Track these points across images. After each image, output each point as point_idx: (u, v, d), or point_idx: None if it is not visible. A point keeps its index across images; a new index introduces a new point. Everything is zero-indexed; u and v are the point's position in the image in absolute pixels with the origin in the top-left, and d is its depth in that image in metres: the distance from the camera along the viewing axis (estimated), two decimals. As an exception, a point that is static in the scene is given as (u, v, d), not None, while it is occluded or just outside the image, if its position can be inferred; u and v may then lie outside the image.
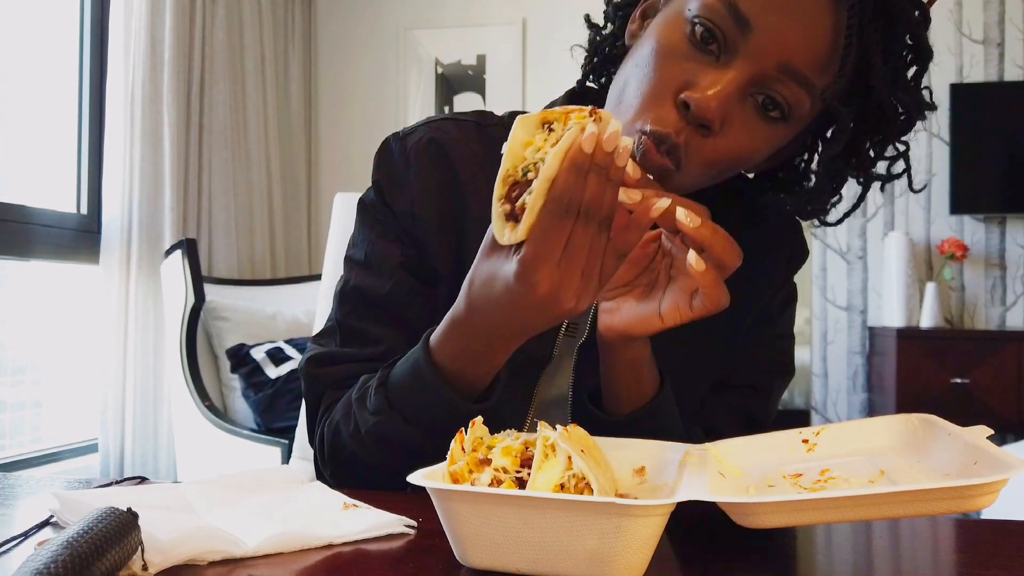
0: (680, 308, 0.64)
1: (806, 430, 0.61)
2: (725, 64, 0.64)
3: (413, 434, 0.67)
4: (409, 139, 0.79)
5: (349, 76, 3.69)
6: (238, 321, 2.54)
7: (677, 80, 0.65)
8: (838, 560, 0.56)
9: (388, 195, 0.79)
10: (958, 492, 0.44)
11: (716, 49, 0.64)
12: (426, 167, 0.78)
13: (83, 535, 0.42)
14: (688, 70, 0.65)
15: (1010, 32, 3.25)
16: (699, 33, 0.64)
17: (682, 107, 0.64)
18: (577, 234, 0.55)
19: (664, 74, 0.65)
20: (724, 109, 0.63)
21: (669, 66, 0.65)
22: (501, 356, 0.65)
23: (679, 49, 0.65)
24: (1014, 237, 3.26)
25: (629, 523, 0.44)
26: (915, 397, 2.97)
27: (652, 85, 0.66)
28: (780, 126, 0.66)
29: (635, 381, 0.71)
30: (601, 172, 0.53)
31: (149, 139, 2.63)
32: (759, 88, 0.64)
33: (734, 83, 0.63)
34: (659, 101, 0.65)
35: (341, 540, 0.54)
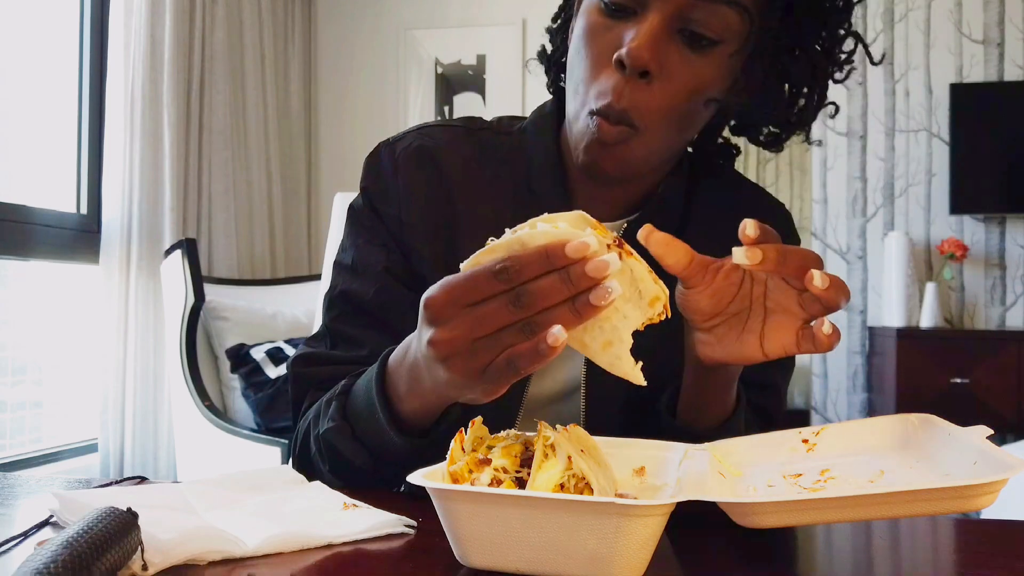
0: (786, 346, 0.61)
1: (806, 430, 0.61)
2: (642, 16, 0.67)
3: (359, 451, 0.67)
4: (398, 145, 0.81)
5: (349, 76, 3.69)
6: (238, 321, 2.54)
7: (607, 49, 0.69)
8: (838, 560, 0.56)
9: (376, 201, 0.80)
10: (958, 492, 0.44)
11: (629, 9, 0.68)
12: (415, 173, 0.79)
13: (83, 535, 0.42)
14: (613, 37, 0.69)
15: (1010, 32, 3.25)
16: (609, 3, 0.69)
17: (619, 67, 0.67)
18: (492, 314, 0.49)
19: (594, 50, 0.70)
20: (654, 51, 0.66)
21: (596, 41, 0.70)
22: (444, 402, 0.62)
23: (600, 25, 0.70)
24: (1014, 237, 3.26)
25: (629, 523, 0.44)
26: (915, 397, 2.97)
27: (589, 63, 0.70)
28: (717, 51, 0.68)
29: (725, 395, 0.70)
30: (565, 280, 0.47)
31: (149, 139, 2.63)
32: (681, 23, 0.67)
33: (655, 25, 0.66)
34: (597, 73, 0.69)
35: (341, 540, 0.54)
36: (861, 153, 3.39)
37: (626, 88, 0.67)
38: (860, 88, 3.38)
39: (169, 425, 2.60)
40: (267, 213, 3.23)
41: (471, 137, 0.82)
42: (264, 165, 3.22)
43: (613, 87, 0.67)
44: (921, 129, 3.33)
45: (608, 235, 0.49)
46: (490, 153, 0.81)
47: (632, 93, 0.67)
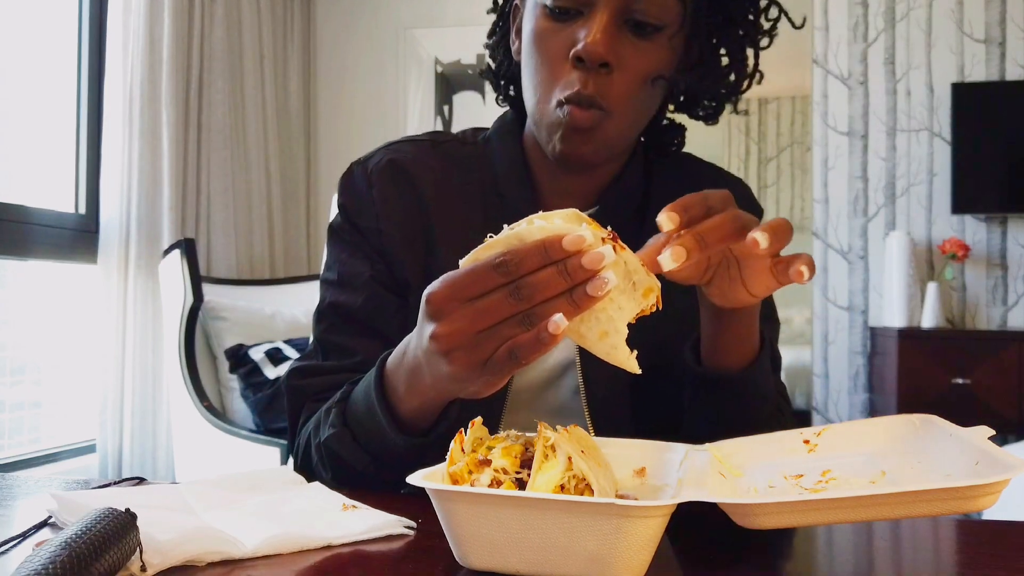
0: (768, 284, 0.61)
1: (807, 430, 0.61)
2: (590, 15, 0.73)
3: (361, 456, 0.69)
4: (370, 162, 0.86)
5: (348, 75, 3.69)
6: (237, 321, 2.54)
7: (561, 50, 0.74)
8: (839, 561, 0.56)
9: (354, 216, 0.85)
10: (959, 493, 0.43)
11: (575, 10, 0.73)
12: (388, 186, 0.84)
13: (82, 536, 0.42)
14: (565, 37, 0.74)
15: (1011, 31, 3.25)
16: (555, 8, 0.74)
17: (577, 63, 0.72)
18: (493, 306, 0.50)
19: (549, 52, 0.74)
20: (610, 44, 0.71)
21: (549, 45, 0.75)
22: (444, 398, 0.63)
23: (548, 29, 0.75)
24: (1015, 237, 3.26)
25: (629, 524, 0.44)
26: (916, 397, 2.96)
27: (546, 65, 0.75)
28: (661, 35, 0.74)
29: (746, 336, 0.71)
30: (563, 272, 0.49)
31: (147, 139, 2.63)
32: (627, 15, 0.73)
33: (605, 20, 0.72)
34: (557, 74, 0.74)
35: (340, 541, 0.54)
36: (862, 153, 3.39)
37: (589, 79, 0.72)
38: (861, 87, 3.38)
39: (168, 425, 2.60)
40: (266, 213, 3.23)
41: (437, 150, 0.87)
42: (263, 165, 3.22)
43: (577, 79, 0.72)
44: (922, 128, 3.33)
45: (602, 230, 0.51)
46: (457, 163, 0.86)
47: (596, 82, 0.72)
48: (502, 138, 0.86)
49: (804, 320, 4.10)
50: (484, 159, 0.86)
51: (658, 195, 0.85)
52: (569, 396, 0.83)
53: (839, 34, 3.40)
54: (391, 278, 0.83)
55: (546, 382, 0.83)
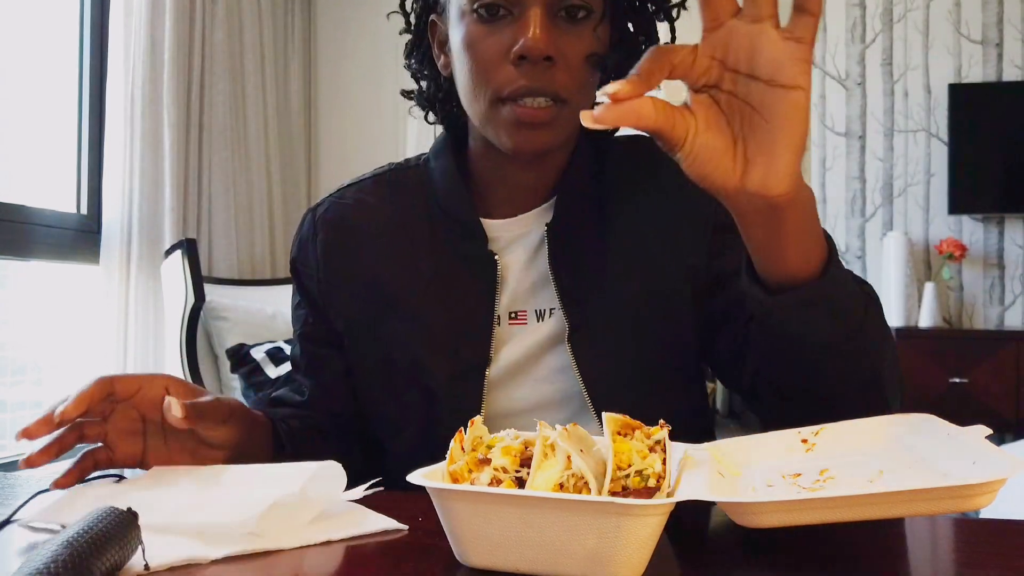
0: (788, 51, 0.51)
1: (805, 430, 0.61)
2: (521, 13, 0.73)
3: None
4: (318, 211, 0.90)
5: (349, 76, 3.69)
6: (238, 321, 2.54)
7: (498, 52, 0.73)
8: (837, 560, 0.56)
9: (300, 265, 0.89)
10: (957, 492, 0.44)
11: (505, 11, 0.73)
12: (330, 237, 0.87)
13: (83, 534, 0.42)
14: (500, 39, 0.73)
15: (1008, 32, 3.25)
16: (484, 13, 0.74)
17: (520, 62, 0.72)
18: None
19: (486, 57, 0.74)
20: (549, 38, 0.72)
21: (484, 49, 0.74)
22: None
23: (481, 34, 0.74)
24: (1012, 237, 3.26)
25: (628, 522, 0.44)
26: (914, 397, 2.96)
27: (485, 70, 0.74)
28: (591, 18, 0.75)
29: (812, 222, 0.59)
30: None
31: (149, 139, 2.63)
32: (559, 6, 0.73)
33: (540, 15, 0.72)
34: (497, 76, 0.73)
35: (340, 537, 0.54)
36: (860, 153, 3.39)
37: (534, 73, 0.72)
38: (859, 88, 3.39)
39: (168, 425, 2.60)
40: (267, 213, 3.23)
41: (378, 183, 0.90)
42: (264, 165, 3.22)
43: (524, 75, 0.72)
44: (920, 129, 3.33)
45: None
46: (399, 188, 0.89)
47: (542, 76, 0.73)
48: (437, 156, 0.88)
49: (802, 320, 4.10)
50: (426, 178, 0.88)
51: (614, 179, 0.86)
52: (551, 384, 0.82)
53: (837, 35, 3.40)
54: (325, 330, 0.88)
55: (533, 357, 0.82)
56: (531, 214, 0.84)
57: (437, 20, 0.83)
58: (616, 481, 0.48)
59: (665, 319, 0.82)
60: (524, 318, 0.83)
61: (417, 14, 0.87)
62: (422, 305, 0.83)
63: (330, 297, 0.87)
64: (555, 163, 0.84)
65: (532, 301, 0.83)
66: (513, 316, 0.83)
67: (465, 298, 0.82)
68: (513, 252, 0.84)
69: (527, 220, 0.84)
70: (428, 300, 0.82)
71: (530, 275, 0.83)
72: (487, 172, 0.85)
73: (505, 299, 0.83)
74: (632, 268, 0.82)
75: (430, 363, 0.81)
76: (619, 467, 0.49)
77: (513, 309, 0.83)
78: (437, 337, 0.82)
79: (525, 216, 0.84)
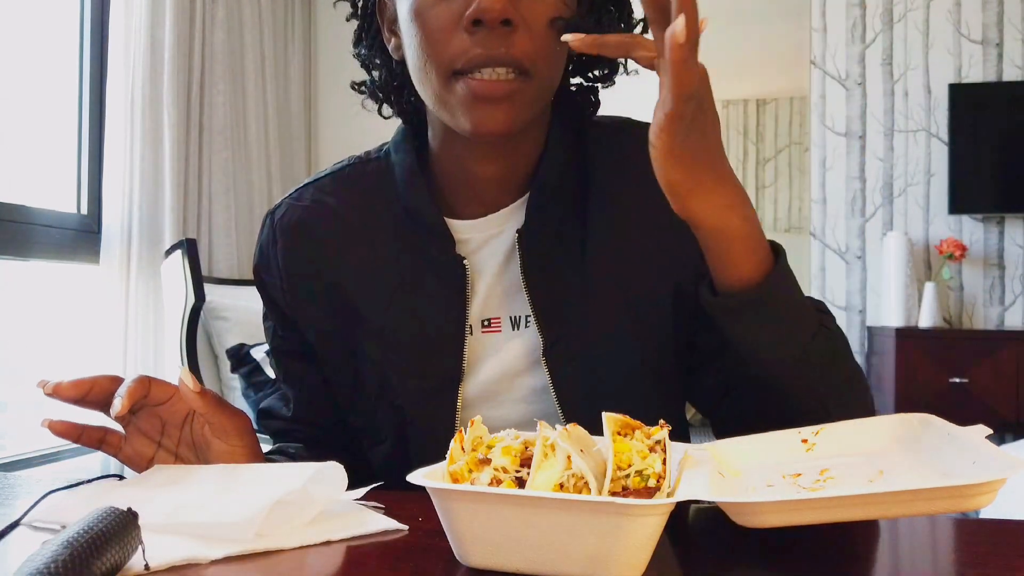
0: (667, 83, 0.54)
1: (805, 430, 0.61)
2: None
3: None
4: (275, 215, 0.83)
5: (349, 76, 3.68)
6: (238, 321, 2.54)
7: (450, 19, 0.65)
8: (837, 559, 0.56)
9: (262, 273, 0.83)
10: (956, 491, 0.44)
11: None
12: (289, 242, 0.80)
13: (83, 534, 0.42)
14: (452, 6, 0.65)
15: (1008, 32, 3.25)
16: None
17: (474, 26, 0.64)
18: None
19: (436, 26, 0.66)
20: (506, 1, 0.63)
21: (434, 16, 0.66)
22: None
23: (430, 2, 0.66)
24: (1012, 237, 3.26)
25: (628, 522, 0.44)
26: (914, 397, 2.97)
27: (435, 41, 0.66)
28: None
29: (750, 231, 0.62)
30: None
31: (149, 139, 2.63)
32: None
33: None
34: (450, 46, 0.65)
35: (340, 536, 0.54)
36: (860, 153, 3.39)
37: (491, 39, 0.64)
38: (859, 88, 3.39)
39: (169, 425, 2.60)
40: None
41: (336, 181, 0.82)
42: (264, 165, 3.22)
43: (480, 42, 0.64)
44: (920, 129, 3.33)
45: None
46: (359, 186, 0.81)
47: (503, 42, 0.64)
48: (397, 149, 0.80)
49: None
50: (387, 173, 0.80)
51: (596, 168, 0.78)
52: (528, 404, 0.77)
53: (837, 35, 3.40)
54: (297, 343, 0.82)
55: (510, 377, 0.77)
56: (502, 213, 0.76)
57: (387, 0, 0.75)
58: (616, 481, 0.48)
59: (647, 338, 0.76)
60: (498, 325, 0.76)
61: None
62: (388, 317, 0.76)
63: (297, 307, 0.80)
64: (525, 152, 0.75)
65: (506, 307, 0.76)
66: (486, 324, 0.76)
67: (433, 307, 0.76)
68: (484, 255, 0.76)
69: (498, 220, 0.76)
70: (394, 311, 0.76)
71: (503, 280, 0.76)
72: (450, 165, 0.77)
73: (476, 306, 0.76)
74: (614, 279, 0.75)
75: (398, 381, 0.76)
76: (619, 467, 0.49)
77: (486, 316, 0.76)
78: (405, 352, 0.76)
79: (495, 216, 0.76)
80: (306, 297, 0.80)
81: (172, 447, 0.70)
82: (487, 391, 0.77)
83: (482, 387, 0.76)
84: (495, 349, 0.76)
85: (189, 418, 0.69)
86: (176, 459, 0.70)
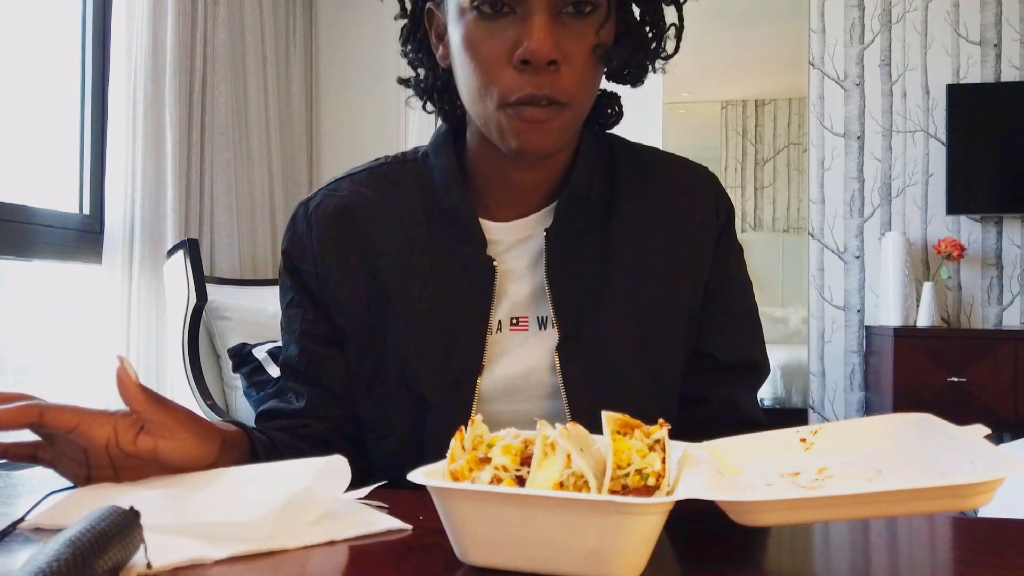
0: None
1: (804, 429, 0.62)
2: (524, 12, 0.69)
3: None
4: (311, 204, 0.86)
5: (350, 76, 3.69)
6: (240, 320, 2.54)
7: (501, 53, 0.70)
8: (836, 558, 0.56)
9: (295, 260, 0.85)
10: (955, 491, 0.44)
11: (508, 8, 0.70)
12: (326, 228, 0.84)
13: (85, 533, 0.42)
14: (503, 40, 0.70)
15: (1007, 33, 3.26)
16: (486, 10, 0.70)
17: (523, 67, 0.69)
18: None
19: (488, 58, 0.71)
20: (554, 42, 0.69)
21: (486, 49, 0.71)
22: None
23: (482, 32, 0.71)
24: (1010, 237, 3.27)
25: (628, 521, 0.44)
26: (912, 396, 2.97)
27: (486, 71, 0.71)
28: (599, 10, 0.72)
29: None
30: None
31: (151, 140, 2.63)
32: (563, 4, 0.70)
33: (543, 18, 0.69)
34: (500, 78, 0.71)
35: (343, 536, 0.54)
36: (858, 154, 3.39)
37: (538, 79, 0.69)
38: (857, 89, 3.39)
39: (169, 425, 2.60)
40: (269, 213, 3.23)
41: (373, 177, 0.86)
42: (266, 165, 3.22)
43: (528, 81, 0.70)
44: (918, 130, 3.34)
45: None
46: (395, 183, 0.85)
47: (547, 82, 0.70)
48: (437, 151, 0.84)
49: (800, 320, 4.11)
50: (423, 174, 0.84)
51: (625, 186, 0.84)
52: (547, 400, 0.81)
53: (835, 36, 3.40)
54: (327, 328, 0.83)
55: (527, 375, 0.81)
56: (532, 218, 0.82)
57: (435, 9, 0.79)
58: (616, 480, 0.49)
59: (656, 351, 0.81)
60: (526, 324, 0.81)
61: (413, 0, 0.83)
62: (416, 307, 0.80)
63: (330, 292, 0.83)
64: (557, 162, 0.81)
65: (534, 307, 0.81)
66: (515, 322, 0.81)
67: (460, 304, 0.80)
68: (513, 257, 0.82)
69: (529, 224, 0.82)
70: (423, 302, 0.80)
71: (531, 280, 0.81)
72: (487, 170, 0.82)
73: (505, 305, 0.81)
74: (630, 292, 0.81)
75: (421, 369, 0.79)
76: (619, 466, 0.49)
77: (515, 315, 0.81)
78: (429, 342, 0.79)
79: (527, 220, 0.82)
80: (340, 282, 0.82)
81: (105, 467, 0.64)
82: (507, 386, 0.80)
83: (502, 382, 0.80)
84: (519, 346, 0.80)
85: (112, 440, 0.63)
86: (116, 476, 0.64)
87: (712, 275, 0.84)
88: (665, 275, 0.82)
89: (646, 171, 0.85)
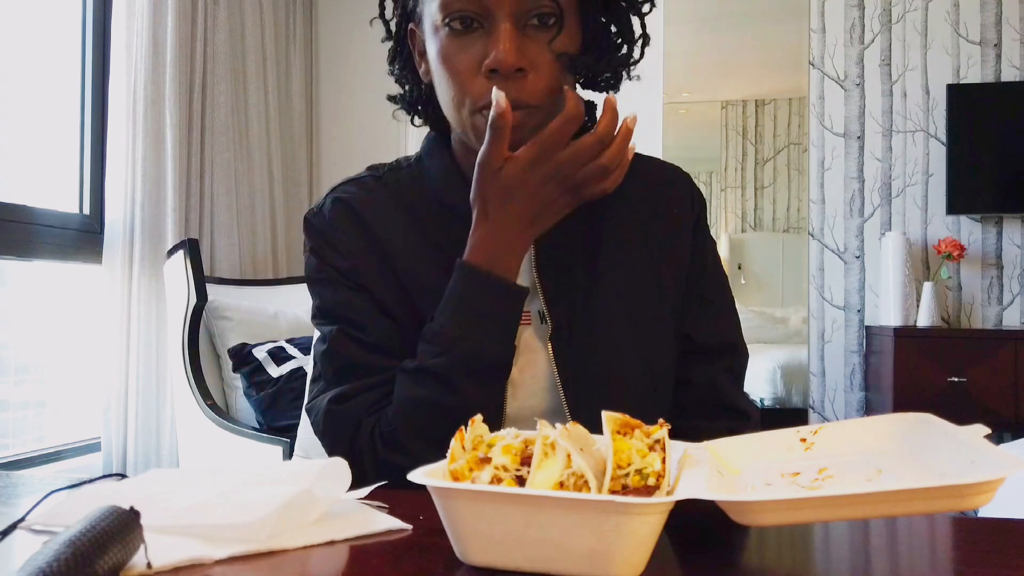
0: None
1: (804, 429, 0.62)
2: (491, 26, 0.75)
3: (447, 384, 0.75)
4: (324, 208, 0.89)
5: (350, 76, 3.69)
6: (240, 320, 2.54)
7: (471, 65, 0.76)
8: (836, 558, 0.56)
9: (326, 256, 0.86)
10: (955, 491, 0.44)
11: (477, 23, 0.76)
12: (344, 224, 0.87)
13: (85, 533, 0.42)
14: (473, 53, 0.76)
15: (1007, 33, 3.26)
16: (456, 27, 0.77)
17: (492, 75, 0.75)
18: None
19: (460, 70, 0.77)
20: (519, 51, 0.74)
21: (458, 62, 0.77)
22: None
23: (454, 48, 0.77)
24: (1011, 237, 3.27)
25: (628, 521, 0.44)
26: (912, 396, 2.97)
27: (460, 83, 0.77)
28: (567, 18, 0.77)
29: None
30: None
31: (151, 140, 2.63)
32: (527, 17, 0.75)
33: (509, 29, 0.74)
34: (472, 87, 0.76)
35: (344, 536, 0.54)
36: (858, 154, 3.39)
37: (506, 85, 0.74)
38: (857, 89, 3.39)
39: (172, 424, 2.61)
40: (269, 213, 3.23)
41: (379, 182, 0.90)
42: (266, 165, 3.22)
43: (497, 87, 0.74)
44: (918, 130, 3.34)
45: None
46: (398, 188, 0.89)
47: (515, 88, 0.75)
48: (432, 155, 0.89)
49: (800, 319, 4.11)
50: (421, 178, 0.89)
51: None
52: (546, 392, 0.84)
53: (835, 36, 3.40)
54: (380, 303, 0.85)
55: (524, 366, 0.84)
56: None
57: (416, 29, 0.85)
58: (616, 480, 0.49)
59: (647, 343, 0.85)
60: (528, 319, 0.84)
61: (396, 23, 0.89)
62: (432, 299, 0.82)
63: (369, 279, 0.85)
64: None
65: (534, 303, 0.84)
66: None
67: None
68: None
69: None
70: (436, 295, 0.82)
71: (525, 278, 0.84)
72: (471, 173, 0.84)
73: None
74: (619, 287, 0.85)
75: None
76: (619, 466, 0.49)
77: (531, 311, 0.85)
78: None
79: None
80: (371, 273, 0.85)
81: None
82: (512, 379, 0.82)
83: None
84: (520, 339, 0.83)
85: None
86: None
87: (691, 263, 0.89)
88: (650, 267, 0.87)
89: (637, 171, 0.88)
